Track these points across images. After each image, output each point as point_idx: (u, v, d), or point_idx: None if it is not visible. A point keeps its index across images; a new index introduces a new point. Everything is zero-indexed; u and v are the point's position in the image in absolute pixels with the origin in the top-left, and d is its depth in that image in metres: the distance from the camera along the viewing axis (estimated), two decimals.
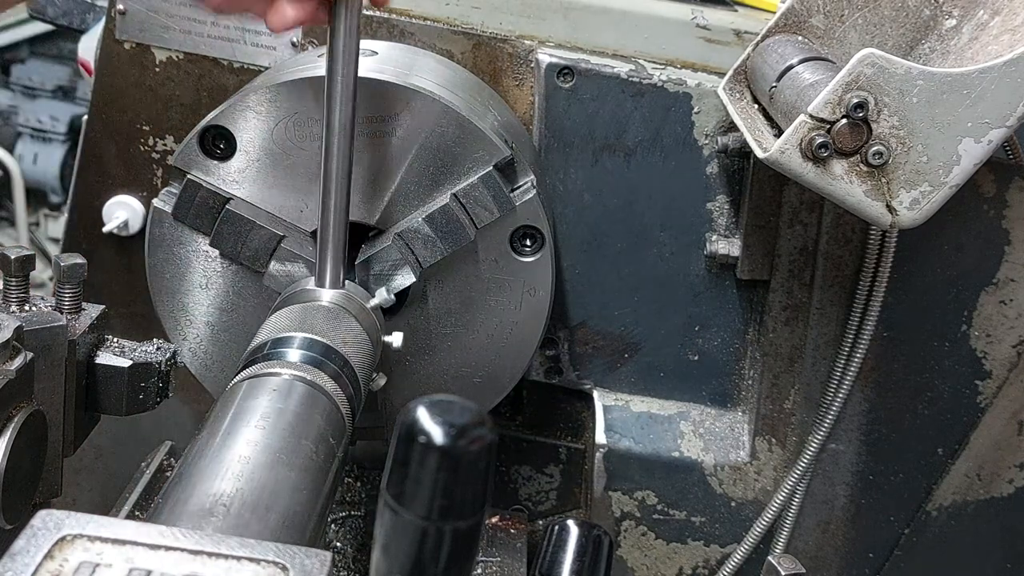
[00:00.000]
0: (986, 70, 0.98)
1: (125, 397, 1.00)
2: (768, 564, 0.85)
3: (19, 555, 0.54)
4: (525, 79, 1.32)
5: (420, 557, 0.54)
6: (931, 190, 1.01)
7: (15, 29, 3.98)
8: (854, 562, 1.41)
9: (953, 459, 1.37)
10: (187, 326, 1.14)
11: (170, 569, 0.55)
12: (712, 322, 1.37)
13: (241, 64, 1.32)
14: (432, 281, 1.12)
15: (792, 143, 1.01)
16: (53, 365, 0.92)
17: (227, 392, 0.83)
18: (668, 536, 1.40)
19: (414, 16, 1.31)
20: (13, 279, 0.94)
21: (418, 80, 1.09)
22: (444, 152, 1.07)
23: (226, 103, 1.08)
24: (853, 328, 1.30)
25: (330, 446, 0.80)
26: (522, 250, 1.11)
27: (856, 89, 0.98)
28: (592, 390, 1.39)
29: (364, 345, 0.96)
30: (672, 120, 1.31)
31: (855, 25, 1.22)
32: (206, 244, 1.09)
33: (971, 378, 1.35)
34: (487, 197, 1.07)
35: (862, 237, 1.28)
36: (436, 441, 0.51)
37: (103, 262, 1.39)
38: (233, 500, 0.67)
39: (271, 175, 1.08)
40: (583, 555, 0.87)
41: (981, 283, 1.32)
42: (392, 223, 1.09)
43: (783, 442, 1.37)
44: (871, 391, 1.35)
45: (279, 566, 0.56)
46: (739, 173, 1.32)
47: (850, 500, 1.39)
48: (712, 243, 1.33)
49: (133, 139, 1.35)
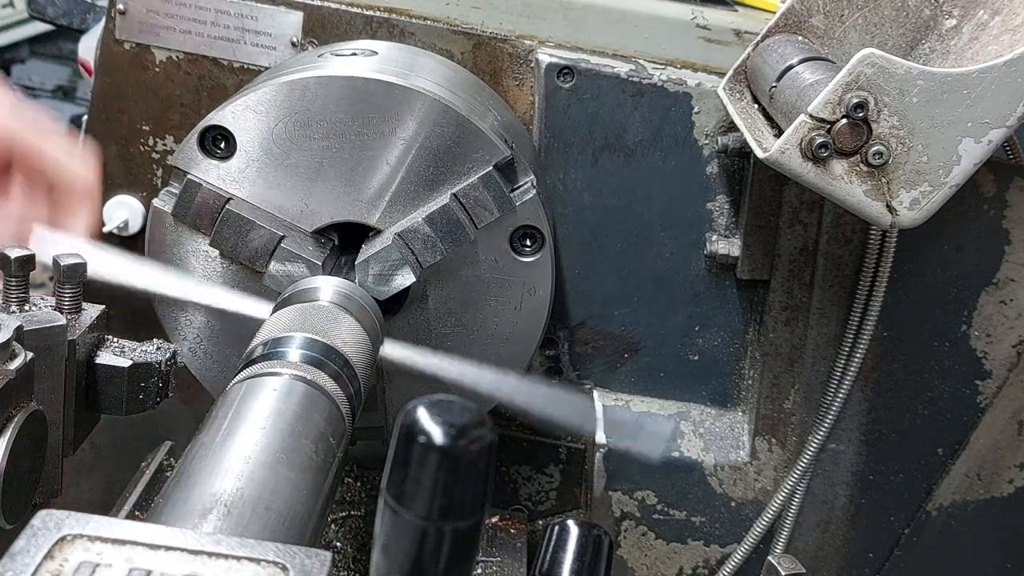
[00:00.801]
0: (986, 70, 0.98)
1: (125, 397, 1.00)
2: (768, 564, 0.85)
3: (19, 555, 0.54)
4: (525, 79, 1.32)
5: (420, 557, 0.54)
6: (931, 190, 1.01)
7: (15, 29, 3.98)
8: (854, 562, 1.41)
9: (953, 459, 1.37)
10: (187, 326, 1.14)
11: (170, 569, 0.55)
12: (712, 322, 1.37)
13: (241, 64, 1.32)
14: (432, 281, 1.12)
15: (792, 143, 1.01)
16: (53, 365, 0.92)
17: (227, 392, 0.83)
18: (668, 536, 1.40)
19: (414, 16, 1.31)
20: (13, 279, 0.94)
21: (418, 80, 1.09)
22: (444, 152, 1.07)
23: (226, 103, 1.08)
24: (853, 328, 1.30)
25: (330, 446, 0.80)
26: (522, 250, 1.11)
27: (856, 89, 0.98)
28: (592, 390, 1.39)
29: (364, 345, 0.96)
30: (672, 120, 1.31)
31: (855, 25, 1.22)
32: (206, 244, 1.09)
33: (971, 378, 1.35)
34: (487, 197, 1.07)
35: (862, 237, 1.28)
36: (436, 441, 0.51)
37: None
38: (233, 500, 0.67)
39: (271, 175, 1.08)
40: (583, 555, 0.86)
41: (981, 283, 1.32)
42: (392, 223, 1.09)
43: (783, 442, 1.37)
44: (871, 391, 1.35)
45: (279, 566, 0.56)
46: (739, 173, 1.32)
47: (850, 500, 1.39)
48: (712, 243, 1.33)
49: (133, 139, 1.35)
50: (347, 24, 1.31)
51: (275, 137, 1.07)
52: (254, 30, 1.31)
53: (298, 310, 0.98)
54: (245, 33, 1.31)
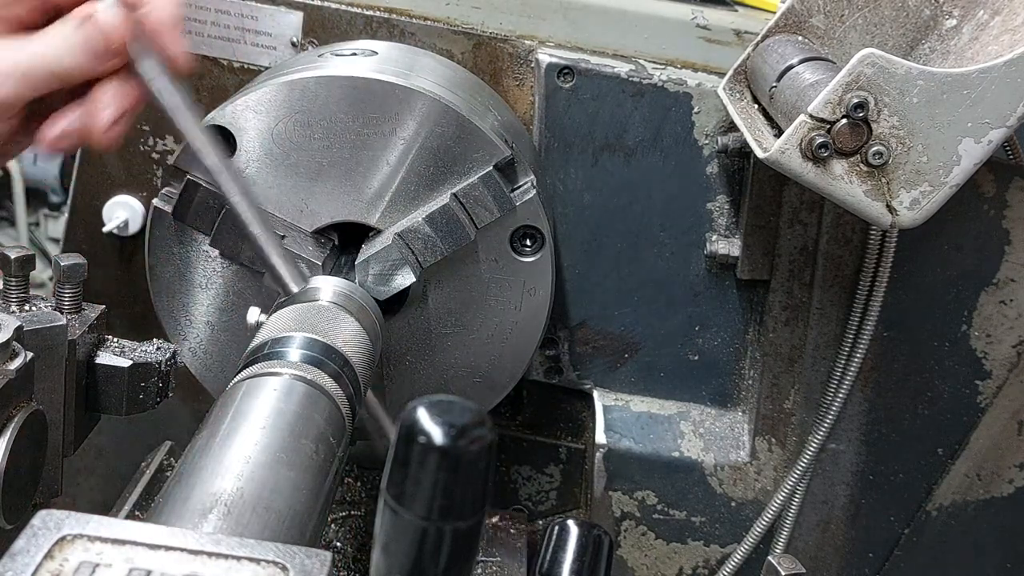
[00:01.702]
0: (986, 70, 0.98)
1: (125, 397, 1.00)
2: (768, 564, 0.85)
3: (19, 555, 0.54)
4: (525, 79, 1.32)
5: (420, 557, 0.54)
6: (931, 190, 1.01)
7: None
8: (854, 562, 1.41)
9: (953, 459, 1.37)
10: (187, 326, 1.14)
11: (170, 569, 0.55)
12: (712, 322, 1.37)
13: (241, 64, 1.32)
14: (432, 281, 1.12)
15: (792, 143, 1.01)
16: (53, 365, 0.92)
17: (227, 392, 0.83)
18: (668, 536, 1.40)
19: (414, 16, 1.31)
20: (13, 279, 0.94)
21: (418, 80, 1.09)
22: (444, 152, 1.07)
23: (226, 103, 1.08)
24: (853, 328, 1.30)
25: (330, 446, 0.80)
26: (522, 250, 1.11)
27: (856, 89, 0.98)
28: (592, 390, 1.39)
29: (364, 345, 0.96)
30: (672, 120, 1.31)
31: (855, 25, 1.22)
32: (206, 244, 1.09)
33: (971, 378, 1.35)
34: (487, 197, 1.07)
35: (862, 237, 1.28)
36: (436, 441, 0.51)
37: (103, 262, 1.40)
38: (233, 499, 0.67)
39: (271, 175, 1.08)
40: (583, 555, 0.87)
41: (981, 283, 1.32)
42: (392, 223, 1.09)
43: (783, 442, 1.37)
44: (871, 391, 1.35)
45: (279, 566, 0.56)
46: (739, 173, 1.32)
47: (850, 500, 1.39)
48: (712, 243, 1.33)
49: (133, 139, 1.35)
50: (347, 24, 1.31)
51: (275, 137, 1.07)
52: (254, 30, 1.31)
53: (298, 310, 0.98)
54: (245, 33, 1.31)
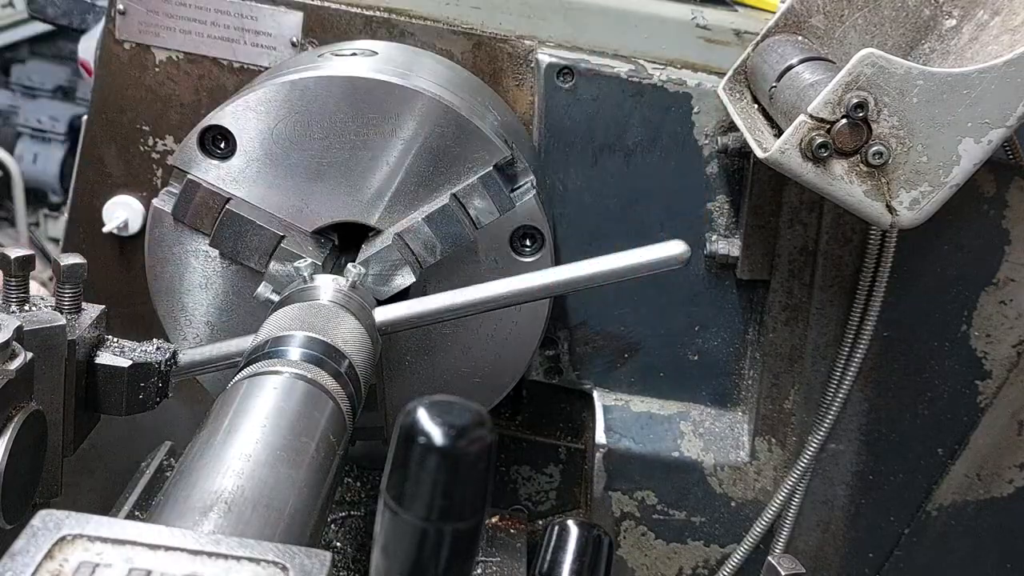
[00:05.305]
0: (986, 70, 0.98)
1: (125, 397, 1.00)
2: (768, 564, 0.85)
3: (19, 555, 0.54)
4: (525, 79, 1.32)
5: (420, 558, 0.54)
6: (931, 190, 1.01)
7: (15, 29, 3.98)
8: (854, 562, 1.41)
9: (953, 459, 1.37)
10: (187, 326, 1.14)
11: (170, 569, 0.55)
12: (712, 322, 1.37)
13: (241, 64, 1.32)
14: (432, 281, 1.12)
15: (792, 143, 1.01)
16: (53, 365, 0.92)
17: (227, 391, 0.83)
18: (668, 536, 1.40)
19: (414, 16, 1.31)
20: (13, 279, 0.94)
21: (418, 80, 1.09)
22: (444, 152, 1.07)
23: (226, 103, 1.08)
24: (853, 328, 1.30)
25: (331, 445, 0.80)
26: (522, 250, 1.11)
27: (856, 89, 0.98)
28: (592, 390, 1.39)
29: (364, 344, 0.96)
30: (672, 120, 1.31)
31: (855, 25, 1.22)
32: (206, 244, 1.09)
33: (971, 378, 1.35)
34: (487, 197, 1.07)
35: (862, 237, 1.28)
36: (436, 442, 0.51)
37: (103, 262, 1.40)
38: (234, 498, 0.67)
39: (271, 175, 1.08)
40: (583, 555, 0.87)
41: (981, 283, 1.32)
42: (392, 223, 1.09)
43: (783, 442, 1.37)
44: (871, 391, 1.35)
45: (279, 566, 0.56)
46: (739, 173, 1.32)
47: (850, 500, 1.39)
48: (712, 243, 1.33)
49: (133, 139, 1.35)
50: (347, 24, 1.31)
51: (275, 137, 1.07)
52: (254, 30, 1.31)
53: (298, 309, 0.98)
54: (245, 33, 1.31)
